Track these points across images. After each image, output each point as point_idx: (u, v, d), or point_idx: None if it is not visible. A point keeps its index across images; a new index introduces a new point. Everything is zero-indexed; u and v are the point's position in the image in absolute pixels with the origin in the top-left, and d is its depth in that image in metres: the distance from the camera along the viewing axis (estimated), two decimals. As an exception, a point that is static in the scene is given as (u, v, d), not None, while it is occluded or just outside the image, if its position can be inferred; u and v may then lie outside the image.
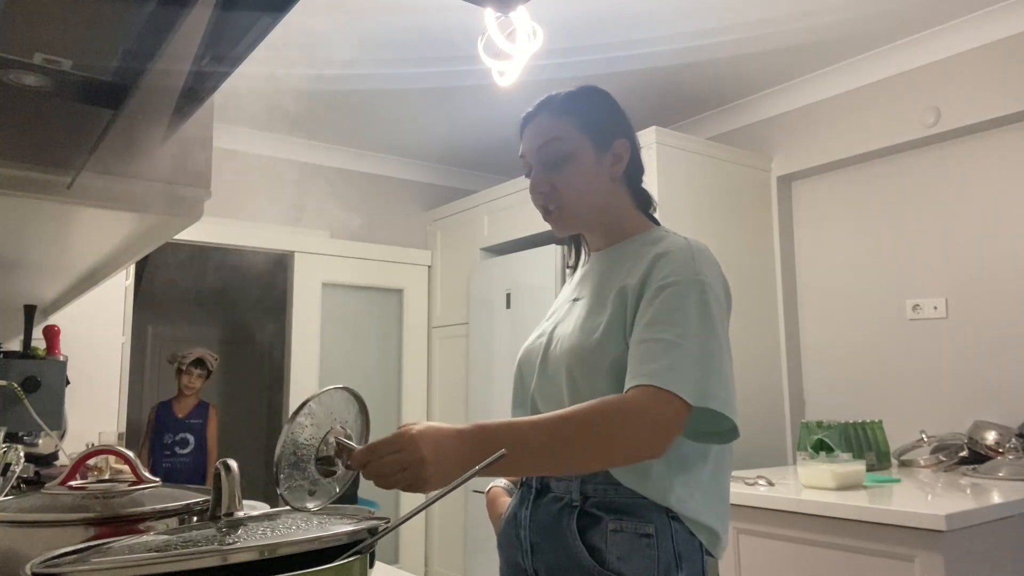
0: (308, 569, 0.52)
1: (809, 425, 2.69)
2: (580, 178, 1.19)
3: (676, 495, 1.05)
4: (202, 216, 1.04)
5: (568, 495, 1.11)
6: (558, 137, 1.20)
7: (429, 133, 4.04)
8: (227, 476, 0.64)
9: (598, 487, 1.09)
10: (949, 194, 2.95)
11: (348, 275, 4.25)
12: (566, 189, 1.20)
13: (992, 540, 1.85)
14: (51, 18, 0.69)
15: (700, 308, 1.04)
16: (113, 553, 0.56)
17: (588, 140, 1.20)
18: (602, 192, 1.21)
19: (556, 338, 1.21)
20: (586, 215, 1.22)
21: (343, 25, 2.84)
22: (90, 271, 1.53)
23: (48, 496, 0.85)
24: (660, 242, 1.16)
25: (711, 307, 1.05)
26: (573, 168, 1.19)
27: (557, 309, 1.31)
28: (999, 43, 2.75)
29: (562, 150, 1.19)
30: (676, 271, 1.08)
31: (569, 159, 1.19)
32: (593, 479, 1.09)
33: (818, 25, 2.84)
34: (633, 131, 1.26)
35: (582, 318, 1.17)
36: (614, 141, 1.21)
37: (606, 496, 1.08)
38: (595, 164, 1.20)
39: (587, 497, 1.09)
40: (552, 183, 1.20)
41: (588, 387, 1.09)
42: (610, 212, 1.23)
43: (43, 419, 1.57)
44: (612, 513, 1.06)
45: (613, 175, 1.22)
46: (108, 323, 2.69)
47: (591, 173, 1.20)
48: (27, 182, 0.90)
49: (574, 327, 1.17)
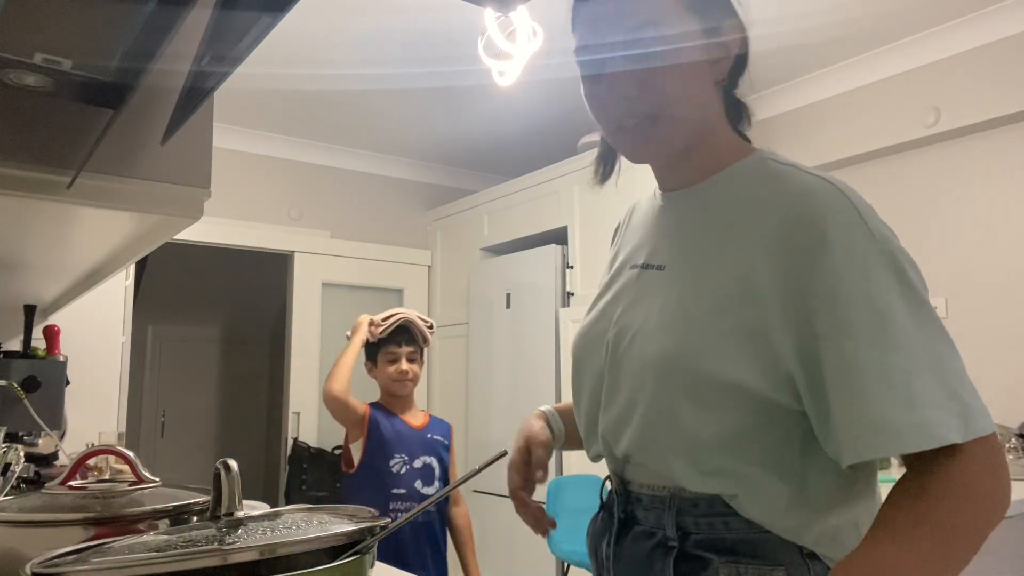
0: (308, 569, 0.52)
1: (809, 425, 2.69)
2: (687, 79, 0.83)
3: (819, 528, 0.76)
4: (202, 216, 1.04)
5: (661, 530, 0.82)
6: (655, 20, 0.83)
7: (429, 133, 4.04)
8: (227, 476, 0.64)
9: (701, 520, 0.79)
10: (949, 194, 2.95)
11: (348, 275, 4.25)
12: (669, 93, 0.83)
13: (992, 540, 1.84)
14: (51, 18, 0.69)
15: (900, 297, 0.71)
16: (113, 553, 0.56)
17: (697, 22, 0.84)
18: (705, 102, 0.86)
19: (629, 329, 0.85)
20: (689, 135, 0.86)
21: (343, 25, 2.84)
22: (90, 271, 1.53)
23: (48, 496, 0.85)
24: (781, 180, 0.80)
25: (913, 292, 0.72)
26: (677, 63, 0.83)
27: (615, 276, 0.95)
28: (999, 43, 2.75)
29: (664, 35, 0.82)
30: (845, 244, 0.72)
31: (673, 50, 0.82)
32: (693, 509, 0.79)
33: (818, 25, 2.84)
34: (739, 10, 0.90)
35: (673, 306, 0.81)
36: (725, 23, 0.87)
37: (713, 531, 0.78)
38: (705, 59, 0.85)
39: (687, 533, 0.80)
40: (644, 83, 0.82)
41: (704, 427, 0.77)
42: (708, 130, 0.87)
43: (43, 419, 1.57)
44: (724, 554, 0.77)
45: (717, 76, 0.87)
46: (108, 323, 2.69)
47: (699, 72, 0.84)
48: (27, 182, 0.90)
49: (661, 319, 0.82)
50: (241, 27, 0.62)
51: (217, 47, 0.67)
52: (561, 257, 3.53)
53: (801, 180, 0.78)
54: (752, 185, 0.82)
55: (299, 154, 4.17)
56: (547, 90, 3.43)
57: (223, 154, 3.86)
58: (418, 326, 2.25)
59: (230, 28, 0.64)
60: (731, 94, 0.91)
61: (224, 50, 0.66)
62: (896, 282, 0.71)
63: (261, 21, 0.60)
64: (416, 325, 2.24)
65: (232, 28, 0.64)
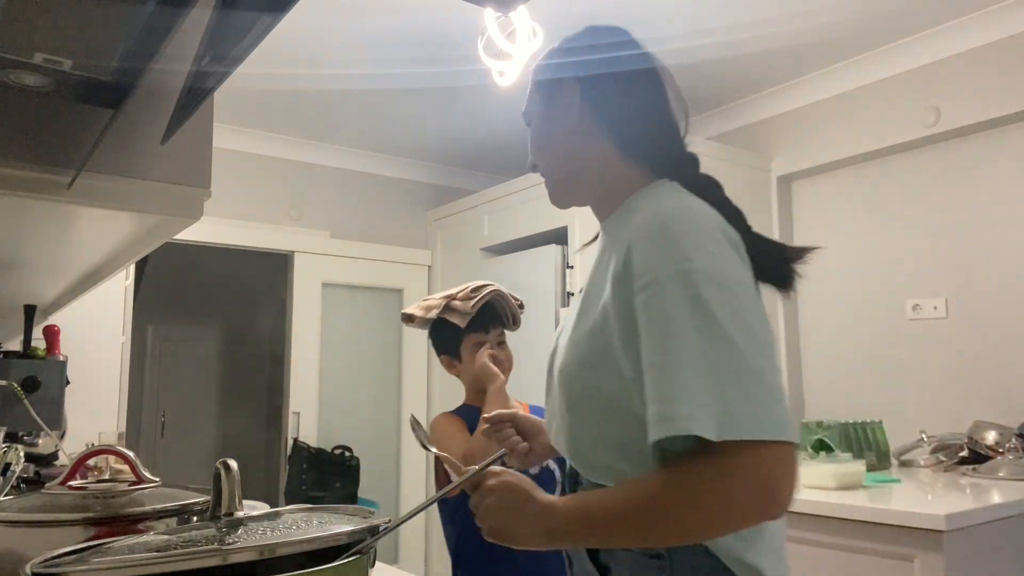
0: (308, 569, 0.52)
1: (809, 425, 2.69)
2: (540, 137, 1.04)
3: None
4: (202, 216, 1.04)
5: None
6: (527, 107, 1.08)
7: (429, 133, 4.04)
8: (227, 476, 0.64)
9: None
10: (949, 194, 2.95)
11: (348, 275, 4.24)
12: (536, 153, 1.05)
13: (992, 540, 1.85)
14: (51, 18, 0.69)
15: (690, 313, 0.79)
16: (113, 553, 0.56)
17: (538, 94, 1.05)
18: (583, 155, 1.00)
19: (556, 349, 1.03)
20: (564, 181, 1.04)
21: (343, 25, 2.84)
22: (90, 271, 1.53)
23: (48, 496, 0.85)
24: (639, 211, 0.92)
25: (705, 303, 0.79)
26: (534, 128, 1.05)
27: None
28: (999, 43, 2.75)
29: (527, 114, 1.07)
30: (652, 263, 0.83)
31: (531, 121, 1.06)
32: None
33: (818, 25, 2.84)
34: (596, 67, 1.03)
35: (571, 327, 0.97)
36: (562, 86, 1.02)
37: None
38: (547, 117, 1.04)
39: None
40: (534, 152, 1.06)
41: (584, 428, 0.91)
42: (597, 176, 1.01)
43: (43, 419, 1.57)
44: None
45: (569, 126, 1.01)
46: (108, 323, 2.69)
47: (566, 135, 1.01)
48: (27, 182, 0.90)
49: (565, 340, 0.98)
50: (241, 27, 0.62)
51: (217, 47, 0.67)
52: (561, 257, 3.53)
53: (650, 206, 0.91)
54: (627, 216, 0.95)
55: (299, 154, 4.17)
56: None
57: (223, 154, 3.85)
58: (509, 304, 1.81)
59: (230, 28, 0.64)
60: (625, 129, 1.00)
61: (224, 50, 0.66)
62: (685, 296, 0.80)
63: (261, 21, 0.60)
64: (508, 302, 1.81)
65: (232, 28, 0.64)
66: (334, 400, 4.12)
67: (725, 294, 0.81)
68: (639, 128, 1.00)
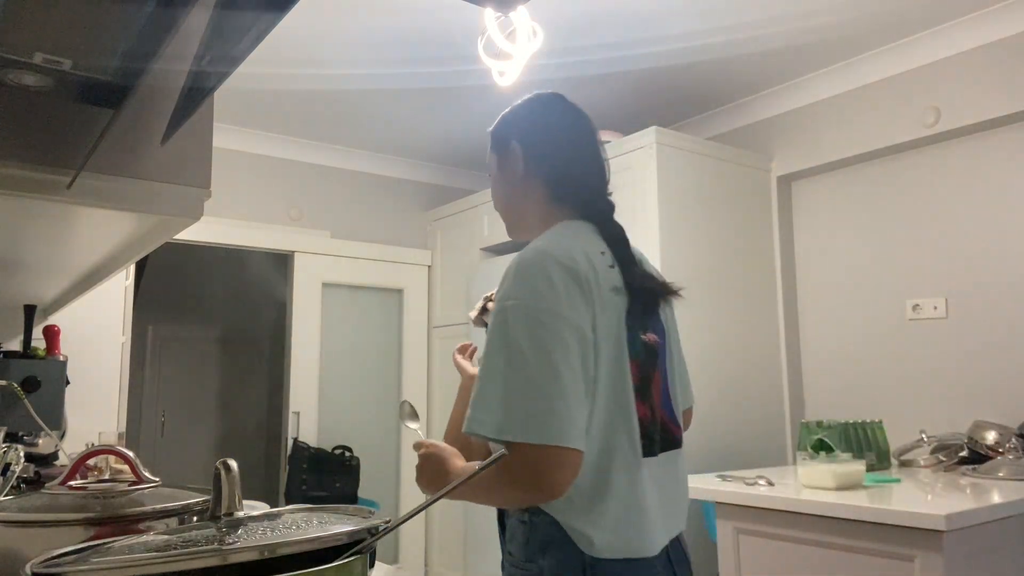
0: (308, 569, 0.52)
1: (809, 425, 2.69)
2: (495, 190, 1.34)
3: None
4: (202, 216, 1.04)
5: None
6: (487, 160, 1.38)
7: (429, 133, 4.04)
8: (227, 476, 0.64)
9: None
10: (949, 194, 2.95)
11: (348, 275, 4.24)
12: (494, 200, 1.35)
13: (992, 540, 1.85)
14: (51, 18, 0.69)
15: (500, 338, 1.04)
16: (113, 553, 0.56)
17: (494, 153, 1.33)
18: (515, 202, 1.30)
19: None
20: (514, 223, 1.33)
21: (343, 25, 2.84)
22: (90, 271, 1.53)
23: (48, 496, 0.85)
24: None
25: (509, 334, 1.03)
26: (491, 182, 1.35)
27: None
28: (999, 43, 2.75)
29: (488, 167, 1.36)
30: (498, 295, 1.10)
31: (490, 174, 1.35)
32: None
33: (818, 25, 2.84)
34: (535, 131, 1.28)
35: None
36: (509, 144, 1.29)
37: None
38: (499, 175, 1.32)
39: None
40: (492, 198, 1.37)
41: None
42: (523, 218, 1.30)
43: (43, 419, 1.57)
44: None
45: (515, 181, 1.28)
46: (108, 323, 2.69)
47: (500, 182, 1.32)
48: (27, 182, 0.90)
49: None
50: (241, 27, 0.62)
51: (217, 47, 0.67)
52: (561, 257, 3.53)
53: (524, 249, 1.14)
54: None
55: (299, 154, 4.17)
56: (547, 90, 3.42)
57: (223, 154, 3.86)
58: None
59: (230, 28, 0.64)
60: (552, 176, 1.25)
61: (224, 50, 0.66)
62: (498, 327, 1.06)
63: (261, 21, 0.60)
64: None
65: (232, 28, 0.64)
66: (334, 400, 4.12)
67: (533, 326, 1.03)
68: (567, 180, 1.24)
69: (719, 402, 3.14)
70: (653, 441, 1.13)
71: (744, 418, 3.21)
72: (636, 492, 1.09)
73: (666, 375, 1.20)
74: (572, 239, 1.14)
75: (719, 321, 3.19)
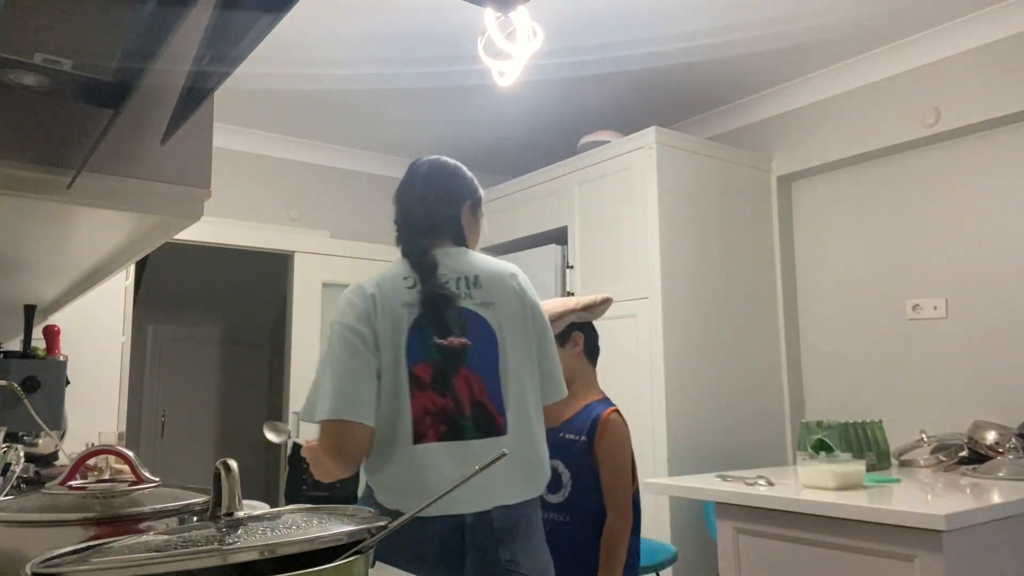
0: (308, 569, 0.52)
1: (809, 425, 2.69)
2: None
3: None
4: (202, 216, 1.04)
5: None
6: None
7: (429, 133, 4.04)
8: (227, 476, 0.64)
9: None
10: (949, 194, 2.95)
11: (348, 275, 4.24)
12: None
13: (992, 540, 1.85)
14: (51, 18, 0.69)
15: (325, 347, 1.45)
16: (113, 553, 0.56)
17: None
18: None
19: None
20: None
21: (344, 25, 2.84)
22: (90, 271, 1.53)
23: (48, 496, 0.85)
24: None
25: (329, 344, 1.43)
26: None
27: None
28: (999, 43, 2.75)
29: None
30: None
31: None
32: None
33: (818, 25, 2.85)
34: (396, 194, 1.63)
35: None
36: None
37: None
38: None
39: None
40: None
41: None
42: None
43: (43, 419, 1.57)
44: None
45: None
46: (108, 323, 2.69)
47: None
48: (27, 182, 0.90)
49: None
50: (241, 27, 0.62)
51: (217, 47, 0.67)
52: (561, 257, 3.53)
53: None
54: None
55: (299, 154, 4.17)
56: (547, 90, 3.43)
57: (223, 154, 3.86)
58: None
59: (230, 28, 0.64)
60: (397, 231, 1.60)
61: (224, 50, 0.66)
62: (328, 338, 1.45)
63: (261, 21, 0.60)
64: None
65: (232, 28, 0.64)
66: (334, 400, 4.11)
67: (335, 337, 1.42)
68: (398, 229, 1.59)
69: (719, 402, 3.14)
70: (459, 428, 1.40)
71: (744, 418, 3.21)
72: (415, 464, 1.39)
73: (493, 373, 1.45)
74: (389, 270, 1.50)
75: (719, 321, 3.19)
